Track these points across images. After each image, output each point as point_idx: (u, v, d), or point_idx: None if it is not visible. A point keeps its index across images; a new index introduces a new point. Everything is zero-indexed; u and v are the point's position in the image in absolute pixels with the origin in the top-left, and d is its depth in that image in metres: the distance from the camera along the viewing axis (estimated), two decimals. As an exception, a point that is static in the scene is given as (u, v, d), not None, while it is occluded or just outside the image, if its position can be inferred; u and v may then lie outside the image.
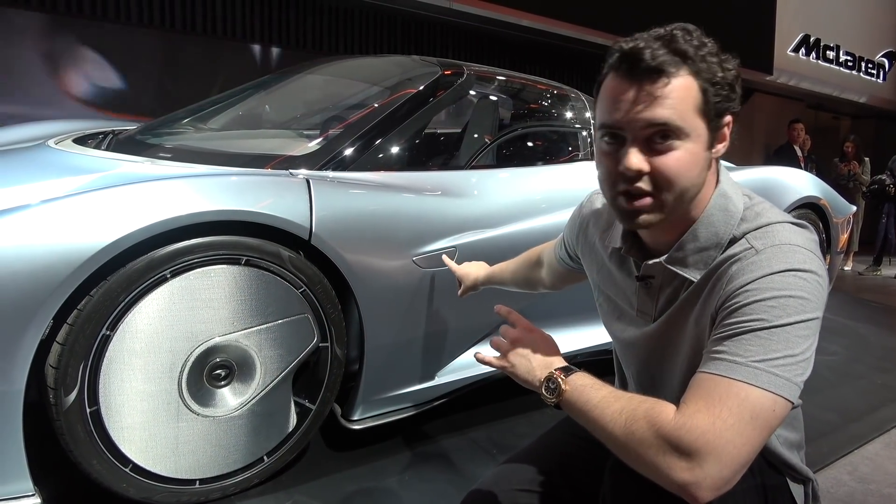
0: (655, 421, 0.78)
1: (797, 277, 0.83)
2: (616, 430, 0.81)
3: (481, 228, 1.96)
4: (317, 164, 1.85)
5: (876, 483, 1.94)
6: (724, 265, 0.89)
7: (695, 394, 0.80)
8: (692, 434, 0.75)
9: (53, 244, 1.28)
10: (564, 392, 0.89)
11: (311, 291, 1.61)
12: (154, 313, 1.43)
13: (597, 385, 0.89)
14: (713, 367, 0.81)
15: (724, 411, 0.76)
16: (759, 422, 0.77)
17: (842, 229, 3.43)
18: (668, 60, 0.85)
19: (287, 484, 1.70)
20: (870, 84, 9.91)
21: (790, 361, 0.79)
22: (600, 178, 0.96)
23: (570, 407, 0.89)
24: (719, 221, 0.92)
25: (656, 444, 0.77)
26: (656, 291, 1.00)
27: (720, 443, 0.74)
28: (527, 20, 5.43)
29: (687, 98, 0.86)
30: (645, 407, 0.81)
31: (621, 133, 0.88)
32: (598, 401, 0.85)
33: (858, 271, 6.93)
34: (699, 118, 0.87)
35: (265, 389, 1.61)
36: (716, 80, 0.88)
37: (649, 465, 0.77)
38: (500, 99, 2.60)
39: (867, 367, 3.04)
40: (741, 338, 0.81)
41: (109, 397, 1.40)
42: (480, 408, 2.25)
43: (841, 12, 9.31)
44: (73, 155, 1.96)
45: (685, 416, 0.77)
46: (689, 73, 0.86)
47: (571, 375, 0.91)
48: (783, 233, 0.88)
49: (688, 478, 0.74)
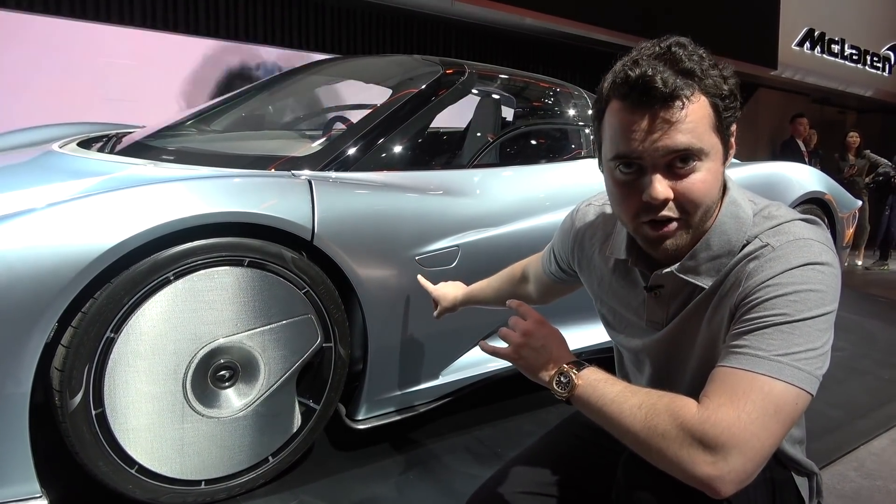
0: (678, 415, 0.77)
1: (815, 271, 0.83)
2: (636, 425, 0.80)
3: (484, 227, 1.95)
4: (319, 165, 1.85)
5: (882, 479, 1.93)
6: (740, 264, 0.89)
7: (718, 388, 0.80)
8: (717, 428, 0.75)
9: (58, 247, 1.29)
10: (577, 387, 0.88)
11: (314, 292, 1.62)
12: (158, 315, 1.43)
13: (611, 380, 0.88)
14: (735, 361, 0.81)
15: (749, 405, 0.76)
16: (781, 415, 0.77)
17: (847, 224, 3.42)
18: (681, 84, 0.83)
19: (292, 484, 1.71)
20: (875, 77, 9.85)
21: (812, 355, 0.80)
22: (618, 208, 0.94)
23: (582, 402, 0.88)
24: (731, 229, 0.91)
25: (679, 438, 0.76)
26: (666, 299, 0.99)
27: (745, 436, 0.74)
28: (530, 18, 5.42)
29: (703, 119, 0.85)
30: (665, 401, 0.80)
31: (638, 162, 0.87)
32: (615, 396, 0.84)
33: (865, 266, 6.89)
34: (715, 136, 0.87)
35: (269, 390, 1.61)
36: (724, 94, 0.87)
37: (671, 459, 0.77)
38: (502, 97, 2.59)
39: (874, 362, 3.03)
40: (763, 332, 0.81)
41: (114, 399, 1.41)
42: (485, 406, 2.25)
43: (845, 6, 9.25)
44: (78, 158, 1.97)
45: (709, 409, 0.77)
46: (700, 93, 0.85)
47: (583, 370, 0.90)
48: (796, 228, 0.89)
49: (712, 472, 0.74)
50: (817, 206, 3.20)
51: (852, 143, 7.21)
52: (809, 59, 8.68)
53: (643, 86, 0.83)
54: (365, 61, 2.99)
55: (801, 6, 8.43)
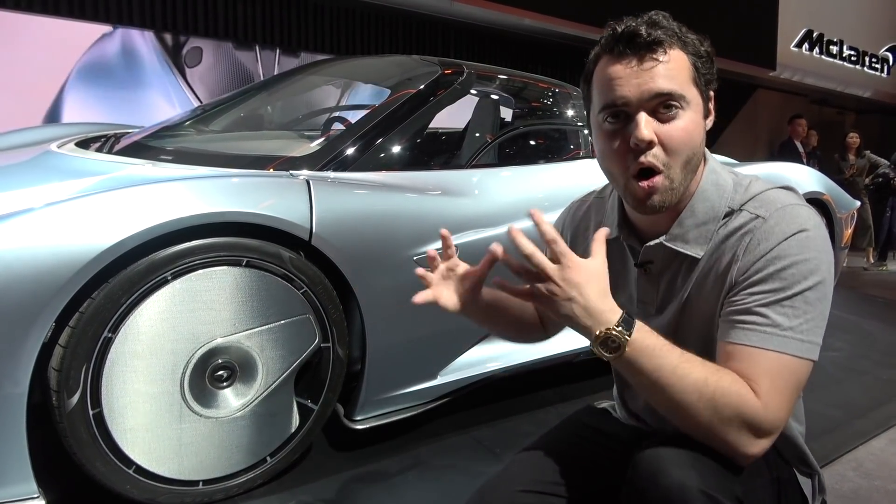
0: (743, 402, 0.82)
1: (808, 238, 0.88)
2: (699, 403, 0.81)
3: (483, 227, 1.95)
4: (317, 165, 1.85)
5: (881, 479, 1.93)
6: (733, 237, 0.92)
7: (757, 372, 0.84)
8: (773, 418, 0.82)
9: (55, 247, 1.29)
10: (626, 352, 0.83)
11: (312, 292, 1.61)
12: (155, 315, 1.43)
13: (665, 346, 0.84)
14: (752, 338, 0.85)
15: (788, 390, 0.84)
16: (799, 388, 0.87)
17: (846, 224, 3.42)
18: (662, 35, 0.89)
19: (290, 484, 1.70)
20: (874, 78, 9.86)
21: (815, 325, 0.86)
22: (607, 162, 0.95)
23: (629, 366, 0.84)
24: (713, 195, 0.95)
25: (738, 423, 0.81)
26: (656, 278, 1.01)
27: (785, 418, 0.84)
28: (529, 19, 5.42)
29: (683, 69, 0.91)
30: (728, 381, 0.83)
31: (625, 110, 0.90)
32: (674, 367, 0.82)
33: (863, 266, 6.90)
34: (695, 89, 0.92)
35: (267, 390, 1.61)
36: (701, 54, 0.93)
37: (722, 437, 0.82)
38: (501, 97, 2.59)
39: (872, 362, 3.03)
40: (772, 308, 0.86)
41: (112, 399, 1.41)
42: (484, 406, 2.25)
43: (844, 7, 9.26)
44: (76, 158, 1.97)
45: (765, 399, 0.82)
46: (679, 48, 0.91)
47: (633, 332, 0.83)
48: (779, 196, 0.93)
49: (756, 451, 0.83)
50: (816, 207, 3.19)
51: (852, 144, 7.23)
52: (808, 59, 8.69)
53: (628, 35, 0.89)
54: (363, 61, 2.99)
55: (799, 7, 8.45)
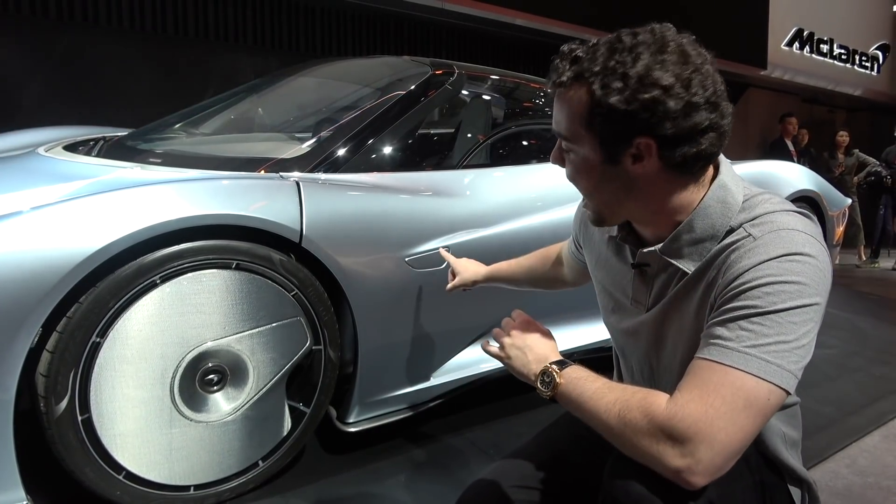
0: (648, 410, 0.80)
1: (795, 262, 0.83)
2: (611, 420, 0.83)
3: (475, 228, 1.95)
4: (308, 167, 1.84)
5: (874, 476, 1.93)
6: (723, 254, 0.90)
7: (690, 381, 0.81)
8: (684, 422, 0.77)
9: (42, 251, 1.27)
10: (559, 385, 0.91)
11: (302, 294, 1.60)
12: (144, 319, 1.42)
13: (591, 377, 0.90)
14: (707, 352, 0.83)
15: (717, 399, 0.78)
16: (752, 410, 0.78)
17: (837, 222, 3.43)
18: (570, 75, 0.89)
19: (283, 488, 1.69)
20: (864, 77, 9.92)
21: (783, 348, 0.80)
22: None
23: (564, 399, 0.91)
24: (716, 213, 0.92)
25: (650, 432, 0.79)
26: (651, 279, 1.01)
27: (712, 430, 0.76)
28: (520, 19, 5.42)
29: (576, 110, 0.89)
30: (638, 397, 0.83)
31: None
32: (593, 392, 0.87)
33: (856, 263, 6.93)
34: (584, 131, 0.89)
35: (258, 394, 1.60)
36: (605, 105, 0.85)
37: (644, 452, 0.80)
38: (492, 98, 2.59)
39: (865, 359, 3.04)
40: (736, 324, 0.82)
41: (101, 405, 1.39)
42: (477, 408, 2.25)
43: (834, 5, 9.32)
44: (64, 162, 1.95)
45: (678, 404, 0.79)
46: (583, 90, 0.87)
47: (566, 368, 0.93)
48: (781, 219, 0.88)
49: (681, 464, 0.77)
50: (807, 205, 3.21)
51: (841, 142, 7.28)
52: (799, 58, 8.73)
53: (551, 67, 0.93)
54: (354, 63, 2.98)
55: (789, 6, 8.49)
